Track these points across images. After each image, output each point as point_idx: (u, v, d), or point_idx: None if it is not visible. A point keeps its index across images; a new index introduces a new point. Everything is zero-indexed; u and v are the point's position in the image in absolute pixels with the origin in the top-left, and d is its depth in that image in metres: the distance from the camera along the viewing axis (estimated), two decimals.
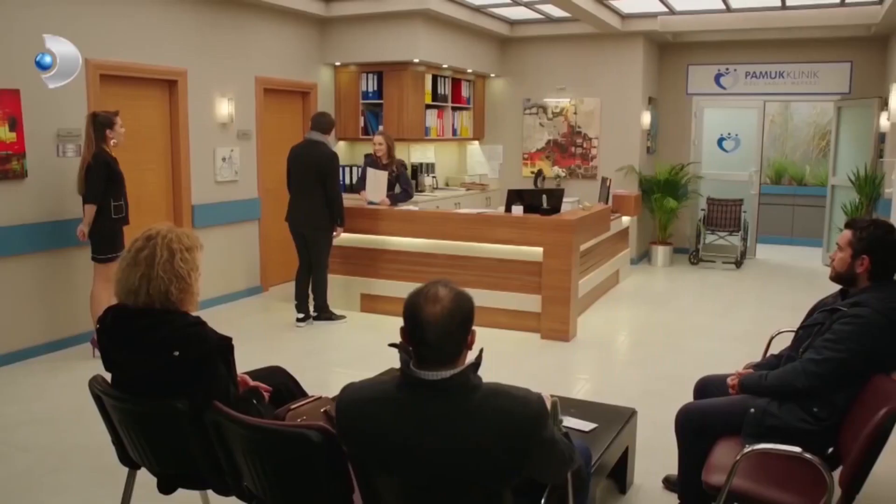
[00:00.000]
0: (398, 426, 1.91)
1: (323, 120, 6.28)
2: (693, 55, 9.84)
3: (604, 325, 6.66)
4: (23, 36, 5.16)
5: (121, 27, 5.96)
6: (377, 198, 6.84)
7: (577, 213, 6.62)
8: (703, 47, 9.73)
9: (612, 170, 9.21)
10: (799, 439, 2.66)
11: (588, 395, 4.66)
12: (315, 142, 6.21)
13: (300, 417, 2.45)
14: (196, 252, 2.52)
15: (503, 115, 10.01)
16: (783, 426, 2.80)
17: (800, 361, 2.89)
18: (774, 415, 2.84)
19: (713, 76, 9.79)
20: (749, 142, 10.01)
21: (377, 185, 6.83)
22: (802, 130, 12.94)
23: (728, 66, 9.69)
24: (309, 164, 6.16)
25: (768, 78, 9.53)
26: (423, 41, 8.02)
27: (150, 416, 2.44)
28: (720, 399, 3.10)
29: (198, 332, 2.41)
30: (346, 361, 5.64)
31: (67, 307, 5.67)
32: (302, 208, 6.23)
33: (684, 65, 9.92)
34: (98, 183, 5.17)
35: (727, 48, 9.59)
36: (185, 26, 6.56)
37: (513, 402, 1.90)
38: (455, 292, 1.94)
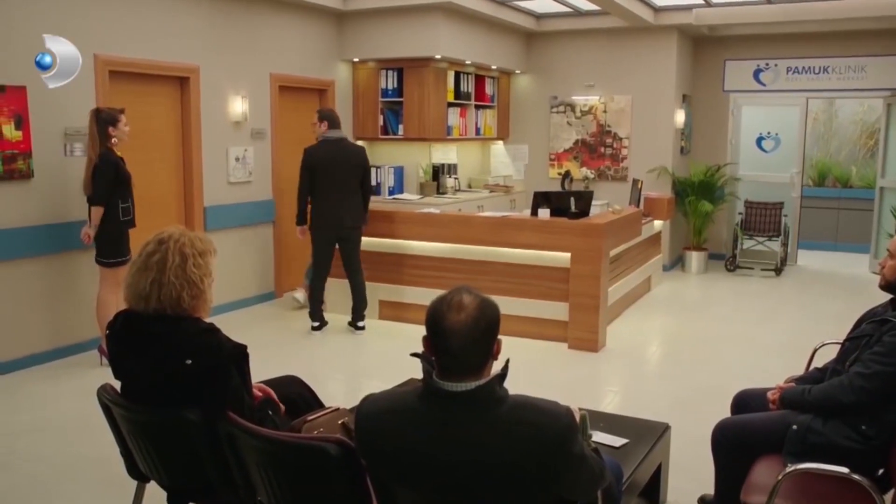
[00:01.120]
0: (420, 439, 1.91)
1: (337, 117, 6.36)
2: (730, 50, 9.78)
3: (634, 335, 6.62)
4: (29, 31, 5.24)
5: (130, 22, 6.04)
6: None
7: (607, 216, 6.59)
8: (741, 41, 9.66)
9: (644, 171, 9.18)
10: (845, 459, 2.62)
11: (618, 409, 4.64)
12: (343, 139, 6.32)
13: (317, 429, 2.46)
14: (209, 257, 2.54)
15: (529, 114, 10.00)
16: (828, 444, 2.77)
17: (846, 375, 2.85)
18: (818, 432, 2.81)
19: (752, 72, 9.70)
20: (790, 141, 9.92)
21: None
22: (848, 129, 12.79)
23: (768, 61, 9.61)
24: (349, 163, 6.26)
25: (811, 73, 9.44)
26: (444, 36, 8.04)
27: (160, 427, 2.46)
28: (759, 414, 3.07)
29: (212, 339, 2.43)
30: (364, 371, 5.65)
31: (74, 313, 5.74)
32: (345, 210, 6.25)
33: (721, 60, 9.85)
34: (105, 184, 5.23)
35: (767, 42, 9.52)
36: (198, 21, 6.63)
37: (541, 415, 1.89)
38: (480, 299, 1.94)
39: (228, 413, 2.33)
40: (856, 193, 11.84)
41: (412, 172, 8.91)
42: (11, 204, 5.29)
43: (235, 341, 2.49)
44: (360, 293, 6.47)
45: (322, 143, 6.24)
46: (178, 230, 2.55)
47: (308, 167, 6.18)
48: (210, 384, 2.38)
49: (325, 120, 6.28)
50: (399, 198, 8.50)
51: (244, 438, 2.30)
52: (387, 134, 8.63)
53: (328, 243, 6.31)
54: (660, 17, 8.84)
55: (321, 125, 6.27)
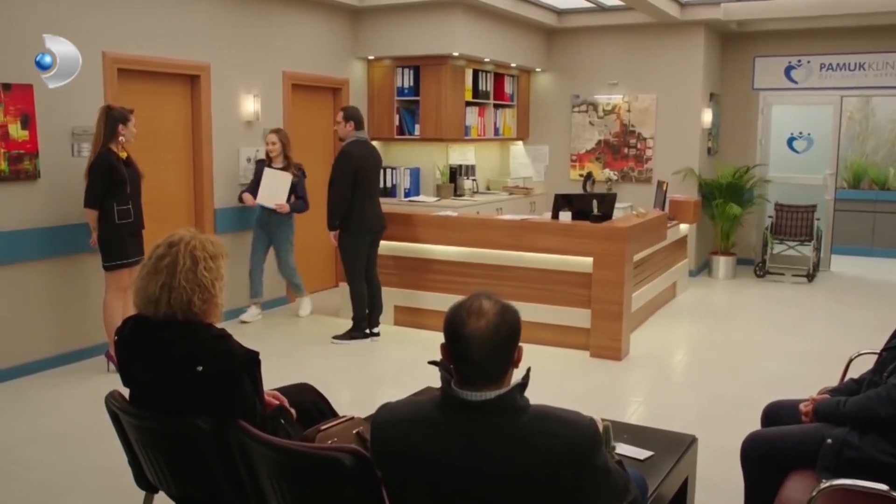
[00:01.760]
0: (437, 450, 1.91)
1: (362, 117, 6.40)
2: (760, 46, 9.72)
3: (659, 343, 6.59)
4: (36, 29, 5.29)
5: (139, 18, 6.09)
6: (272, 202, 6.69)
7: (631, 219, 6.57)
8: (771, 37, 9.60)
9: (669, 173, 9.14)
10: (883, 475, 2.59)
11: (642, 420, 4.62)
12: (368, 140, 6.40)
13: (331, 439, 2.46)
14: (221, 260, 2.56)
15: (550, 114, 9.99)
16: (864, 460, 2.73)
17: (884, 387, 2.82)
18: (855, 446, 2.77)
19: (783, 69, 9.64)
20: (823, 141, 9.84)
21: (277, 187, 6.69)
22: (885, 128, 12.66)
23: (800, 58, 9.54)
24: (377, 164, 6.47)
25: (846, 70, 9.36)
26: (462, 33, 8.04)
27: (170, 436, 2.47)
28: (792, 427, 3.04)
29: (223, 345, 2.44)
30: (378, 379, 5.66)
31: (80, 317, 5.79)
32: (378, 212, 6.41)
33: (750, 57, 9.80)
34: (96, 186, 5.24)
35: (799, 38, 9.45)
36: (209, 17, 6.68)
37: (563, 426, 1.89)
38: (500, 305, 1.94)
39: (240, 421, 2.34)
40: (893, 196, 11.73)
41: (429, 174, 8.92)
42: (17, 205, 5.34)
43: (247, 348, 2.50)
44: (380, 298, 6.52)
45: (356, 143, 6.21)
46: (189, 233, 2.56)
47: (353, 169, 6.14)
48: (221, 391, 2.39)
49: (351, 119, 6.22)
50: (415, 200, 8.51)
51: (256, 448, 2.30)
52: (403, 134, 8.64)
53: (366, 247, 6.37)
54: (686, 12, 8.80)
55: (346, 125, 6.21)
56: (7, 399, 5.03)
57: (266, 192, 6.71)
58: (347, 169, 6.12)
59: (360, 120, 6.29)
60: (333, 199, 6.18)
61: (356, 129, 6.23)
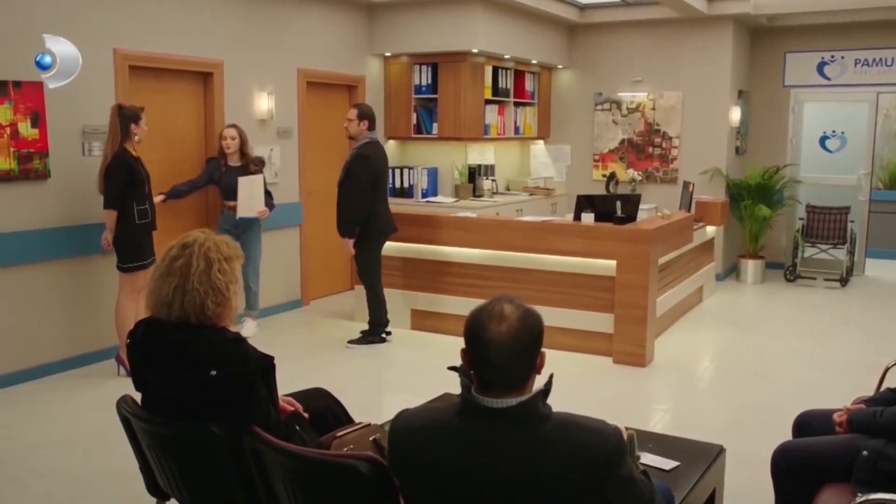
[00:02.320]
0: (457, 458, 1.91)
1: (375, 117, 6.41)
2: (791, 41, 9.65)
3: (685, 349, 6.56)
4: (46, 25, 5.34)
5: (151, 15, 6.14)
6: (254, 211, 6.37)
7: (656, 221, 6.55)
8: (803, 32, 9.53)
9: (696, 173, 9.10)
10: None
11: (668, 429, 4.59)
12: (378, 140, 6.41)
13: (347, 446, 2.47)
14: (235, 262, 2.57)
15: (572, 112, 9.97)
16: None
17: None
18: (892, 459, 2.74)
19: (815, 65, 9.57)
20: (858, 140, 9.75)
21: (253, 194, 6.35)
22: None
23: (833, 53, 9.46)
24: (387, 166, 6.53)
25: (882, 66, 9.27)
26: (482, 29, 8.05)
27: (182, 441, 2.48)
28: (825, 438, 3.02)
29: (237, 349, 2.46)
30: (394, 384, 5.67)
31: (91, 320, 5.84)
32: (390, 213, 6.46)
33: (781, 52, 9.73)
34: (116, 186, 5.31)
35: (832, 32, 9.37)
36: (222, 13, 6.72)
37: (587, 434, 1.89)
38: (523, 309, 1.94)
39: (254, 427, 2.35)
40: None
41: (447, 174, 8.93)
42: (27, 205, 5.40)
43: (262, 352, 2.52)
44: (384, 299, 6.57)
45: (370, 145, 6.21)
46: (204, 234, 2.58)
47: (373, 171, 6.16)
48: (235, 396, 2.41)
49: (366, 118, 6.20)
50: (433, 201, 8.52)
51: (270, 454, 2.32)
52: (420, 133, 8.65)
53: (381, 249, 6.42)
54: (714, 6, 8.76)
55: (361, 123, 6.18)
56: (16, 403, 5.08)
57: (245, 203, 6.33)
58: (366, 173, 6.11)
59: (374, 119, 6.30)
60: (353, 206, 6.14)
61: (369, 129, 6.23)
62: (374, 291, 6.43)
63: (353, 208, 6.15)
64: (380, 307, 6.45)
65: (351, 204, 6.15)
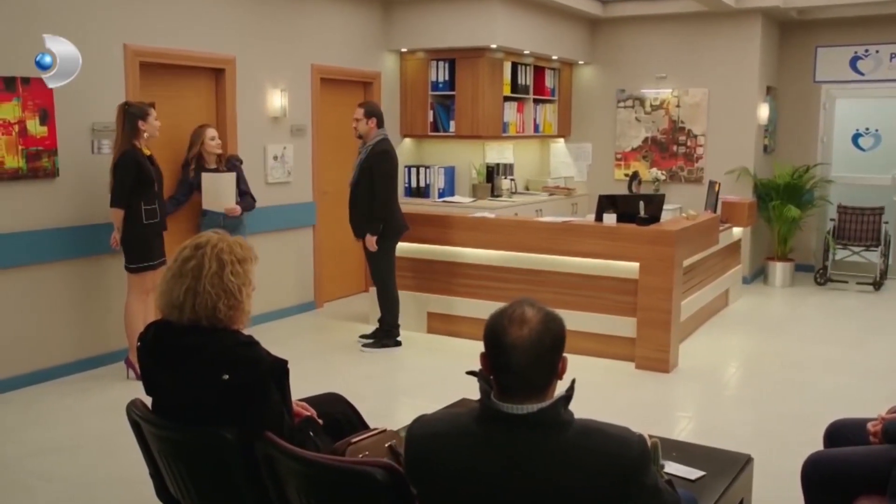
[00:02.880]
0: (476, 466, 1.92)
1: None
2: (823, 35, 9.58)
3: (710, 355, 6.54)
4: (55, 21, 5.40)
5: (163, 10, 6.17)
6: (220, 207, 6.24)
7: (680, 222, 6.53)
8: (835, 25, 9.46)
9: (722, 172, 9.05)
10: None
11: (692, 437, 4.57)
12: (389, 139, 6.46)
13: (362, 453, 2.48)
14: (249, 264, 2.58)
15: (593, 109, 9.95)
16: None
17: None
18: None
19: (848, 60, 9.50)
20: (892, 138, 9.66)
21: (220, 190, 6.25)
22: None
23: (867, 47, 9.39)
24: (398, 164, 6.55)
25: None
26: (501, 23, 8.04)
27: (193, 447, 2.50)
28: (858, 448, 2.99)
29: (251, 352, 2.47)
30: (410, 389, 5.68)
31: (101, 322, 5.88)
32: (401, 212, 6.51)
33: (812, 47, 9.67)
34: (124, 185, 5.34)
35: (866, 25, 9.30)
36: (234, 8, 6.76)
37: (610, 442, 1.89)
38: (544, 313, 1.95)
39: (267, 433, 2.36)
40: None
41: (464, 173, 8.94)
42: (35, 204, 5.44)
43: (275, 355, 2.52)
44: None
45: (387, 141, 6.28)
46: (217, 235, 2.59)
47: (395, 168, 6.32)
48: (248, 401, 2.42)
49: (374, 116, 6.24)
50: (450, 201, 8.53)
51: (283, 461, 2.32)
52: (437, 131, 8.66)
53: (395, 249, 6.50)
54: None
55: (369, 121, 6.22)
56: (23, 407, 5.12)
57: (210, 196, 6.25)
58: (393, 170, 6.26)
59: (382, 116, 6.33)
60: (385, 203, 6.21)
61: (378, 126, 6.26)
62: (390, 292, 6.47)
63: (385, 205, 6.22)
64: (394, 308, 6.48)
65: (384, 201, 6.20)
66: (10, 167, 5.23)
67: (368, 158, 6.21)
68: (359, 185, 6.25)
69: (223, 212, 6.27)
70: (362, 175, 6.21)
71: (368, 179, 6.19)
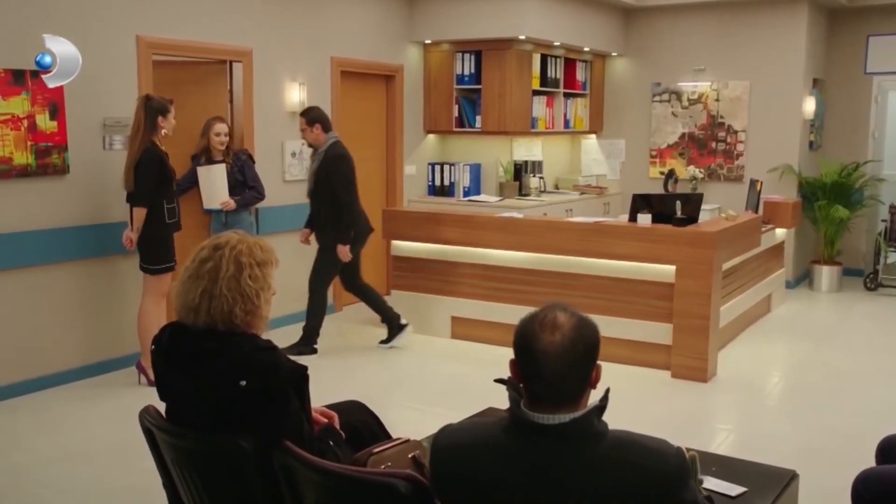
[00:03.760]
0: (504, 478, 1.92)
1: (328, 116, 6.51)
2: (875, 23, 9.49)
3: (751, 364, 6.50)
4: (66, 12, 5.47)
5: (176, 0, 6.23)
6: (216, 203, 6.33)
7: (719, 223, 6.49)
8: (889, 12, 9.35)
9: (764, 170, 8.99)
10: None
11: (732, 451, 4.54)
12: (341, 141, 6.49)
13: (384, 463, 2.48)
14: (269, 268, 2.59)
15: (627, 104, 9.92)
16: None
17: None
18: None
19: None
20: None
21: (214, 183, 6.33)
22: None
23: None
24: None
25: None
26: (530, 13, 8.04)
27: (209, 456, 2.51)
28: None
29: (270, 358, 2.48)
30: (433, 397, 5.68)
31: (111, 325, 5.94)
32: (364, 212, 6.61)
33: (863, 36, 9.58)
34: (149, 182, 5.41)
35: None
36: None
37: (647, 455, 1.88)
38: (577, 318, 1.95)
39: (285, 442, 2.37)
40: None
41: (491, 171, 8.93)
42: (45, 202, 5.50)
43: (295, 361, 2.54)
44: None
45: (339, 143, 6.33)
46: (237, 236, 2.60)
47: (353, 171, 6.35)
48: (266, 409, 2.43)
49: (317, 122, 6.24)
50: (475, 200, 8.54)
51: (302, 471, 2.33)
52: (462, 126, 8.67)
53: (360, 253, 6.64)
54: None
55: (314, 129, 6.23)
56: (31, 414, 5.18)
57: (208, 194, 6.36)
58: (350, 172, 6.31)
59: (326, 120, 6.34)
60: (349, 210, 6.29)
61: (325, 131, 6.27)
62: (321, 297, 6.61)
63: (350, 211, 6.31)
64: (321, 314, 6.60)
65: (348, 206, 6.28)
66: (18, 164, 5.29)
67: (323, 165, 6.24)
68: (317, 193, 6.33)
69: (219, 207, 6.34)
70: (319, 184, 6.29)
71: (326, 186, 6.26)
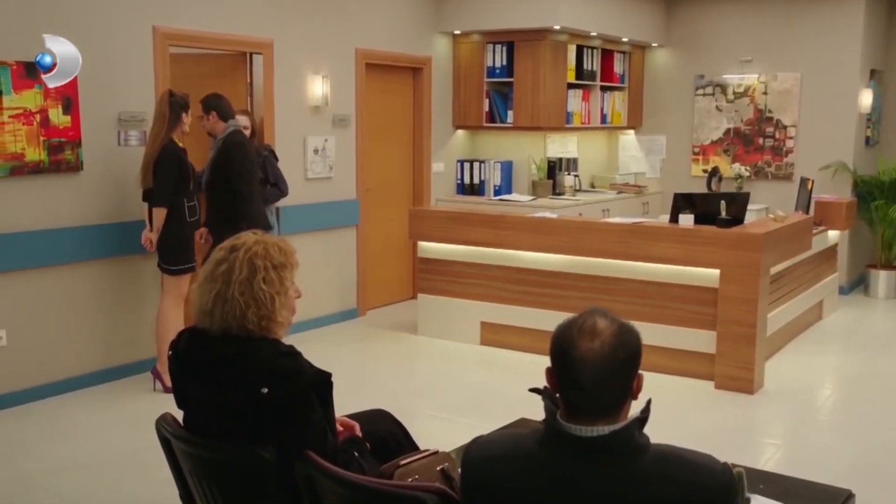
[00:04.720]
0: (540, 493, 1.91)
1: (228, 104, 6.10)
2: None
3: (801, 374, 6.46)
4: (80, 1, 5.52)
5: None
6: None
7: (767, 224, 6.45)
8: None
9: (815, 168, 8.93)
10: None
11: (780, 467, 4.51)
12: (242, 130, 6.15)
13: (412, 476, 2.48)
14: (287, 271, 2.58)
15: (668, 97, 9.89)
16: None
17: None
18: None
19: None
20: None
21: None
22: None
23: None
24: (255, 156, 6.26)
25: None
26: (565, 3, 8.03)
27: (228, 466, 2.52)
28: None
29: (292, 364, 2.48)
30: (462, 406, 5.69)
31: (128, 328, 6.00)
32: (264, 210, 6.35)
33: None
34: (169, 181, 5.47)
35: None
36: None
37: (692, 471, 1.87)
38: (618, 324, 1.94)
39: (308, 452, 2.38)
40: None
41: (523, 168, 8.93)
42: (58, 200, 5.56)
43: (318, 368, 2.54)
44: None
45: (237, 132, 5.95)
46: (255, 237, 2.60)
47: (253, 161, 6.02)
48: (288, 417, 2.43)
49: (213, 110, 5.88)
50: (507, 199, 8.53)
51: (326, 483, 2.34)
52: (493, 122, 8.67)
53: None
54: None
55: (210, 117, 5.88)
56: (43, 420, 5.23)
57: None
58: (249, 162, 5.91)
59: (223, 108, 5.94)
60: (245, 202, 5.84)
61: (223, 119, 5.91)
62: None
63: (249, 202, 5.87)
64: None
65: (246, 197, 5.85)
66: (30, 160, 5.35)
67: (220, 154, 5.89)
68: (215, 184, 5.91)
69: None
70: (216, 173, 5.89)
71: (225, 177, 5.87)
